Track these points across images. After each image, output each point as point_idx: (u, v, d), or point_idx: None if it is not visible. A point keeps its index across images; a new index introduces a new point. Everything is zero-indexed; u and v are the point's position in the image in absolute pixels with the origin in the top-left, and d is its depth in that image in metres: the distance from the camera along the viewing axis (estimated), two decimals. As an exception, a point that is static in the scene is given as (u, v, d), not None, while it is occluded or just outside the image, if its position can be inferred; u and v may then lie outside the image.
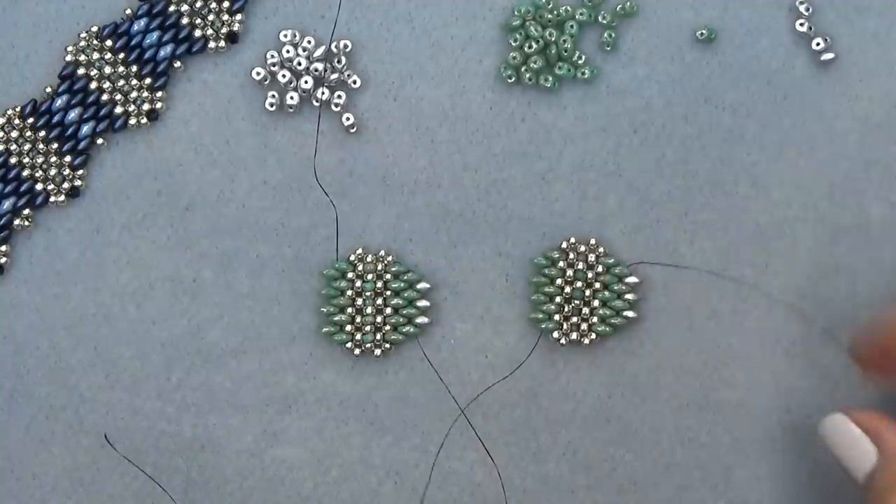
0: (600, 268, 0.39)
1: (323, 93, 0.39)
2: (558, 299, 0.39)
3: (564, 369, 0.40)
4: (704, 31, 0.40)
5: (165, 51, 0.39)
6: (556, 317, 0.39)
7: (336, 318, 0.39)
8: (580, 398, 0.40)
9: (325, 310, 0.39)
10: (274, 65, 0.39)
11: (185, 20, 0.39)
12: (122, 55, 0.39)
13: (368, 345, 0.39)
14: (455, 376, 0.40)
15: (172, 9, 0.39)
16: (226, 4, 0.39)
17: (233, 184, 0.39)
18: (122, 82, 0.39)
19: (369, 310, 0.39)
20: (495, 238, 0.40)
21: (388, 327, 0.39)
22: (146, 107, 0.39)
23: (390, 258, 0.39)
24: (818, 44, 0.40)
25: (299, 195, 0.39)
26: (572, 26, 0.39)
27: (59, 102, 0.39)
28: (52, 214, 0.39)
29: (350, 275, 0.39)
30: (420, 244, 0.40)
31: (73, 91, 0.39)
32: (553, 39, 0.39)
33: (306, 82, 0.39)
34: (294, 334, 0.40)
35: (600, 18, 0.39)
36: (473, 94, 0.40)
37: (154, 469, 0.40)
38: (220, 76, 0.40)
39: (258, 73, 0.39)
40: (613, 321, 0.39)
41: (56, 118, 0.39)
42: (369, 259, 0.39)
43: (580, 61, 0.39)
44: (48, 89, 0.39)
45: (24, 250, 0.40)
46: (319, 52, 0.39)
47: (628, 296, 0.39)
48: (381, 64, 0.40)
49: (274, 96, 0.39)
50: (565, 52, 0.39)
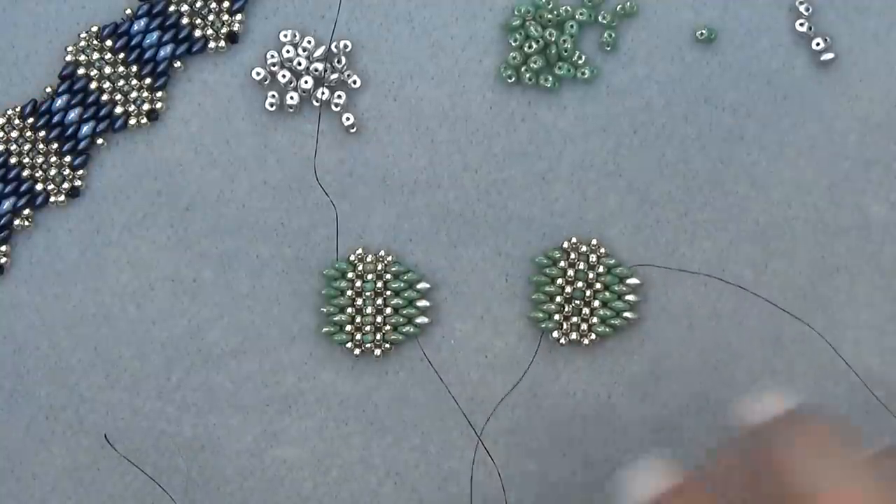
0: (601, 268, 0.39)
1: (323, 93, 0.39)
2: (559, 299, 0.39)
3: (564, 369, 0.40)
4: (704, 31, 0.40)
5: (165, 51, 0.39)
6: (556, 316, 0.39)
7: (336, 318, 0.39)
8: (580, 398, 0.40)
9: (325, 310, 0.39)
10: (274, 65, 0.39)
11: (185, 20, 0.39)
12: (122, 55, 0.39)
13: (368, 345, 0.39)
14: (455, 376, 0.40)
15: (172, 9, 0.39)
16: (226, 4, 0.39)
17: (233, 184, 0.39)
18: (122, 82, 0.39)
19: (369, 310, 0.39)
20: (495, 238, 0.40)
21: (388, 327, 0.39)
22: (146, 107, 0.39)
23: (390, 258, 0.39)
24: (818, 44, 0.40)
25: (299, 195, 0.39)
26: (572, 26, 0.39)
27: (59, 102, 0.39)
28: (52, 214, 0.39)
29: (350, 275, 0.39)
30: (420, 244, 0.40)
31: (73, 91, 0.39)
32: (553, 39, 0.39)
33: (306, 82, 0.39)
34: (294, 334, 0.40)
35: (600, 18, 0.39)
36: (473, 94, 0.40)
37: (154, 469, 0.40)
38: (220, 76, 0.40)
39: (258, 73, 0.39)
40: (613, 322, 0.39)
41: (56, 118, 0.39)
42: (369, 259, 0.39)
43: (580, 61, 0.39)
44: (48, 89, 0.39)
45: (24, 250, 0.40)
46: (319, 52, 0.39)
47: (629, 297, 0.39)
48: (381, 64, 0.40)
49: (274, 96, 0.39)
50: (565, 52, 0.39)
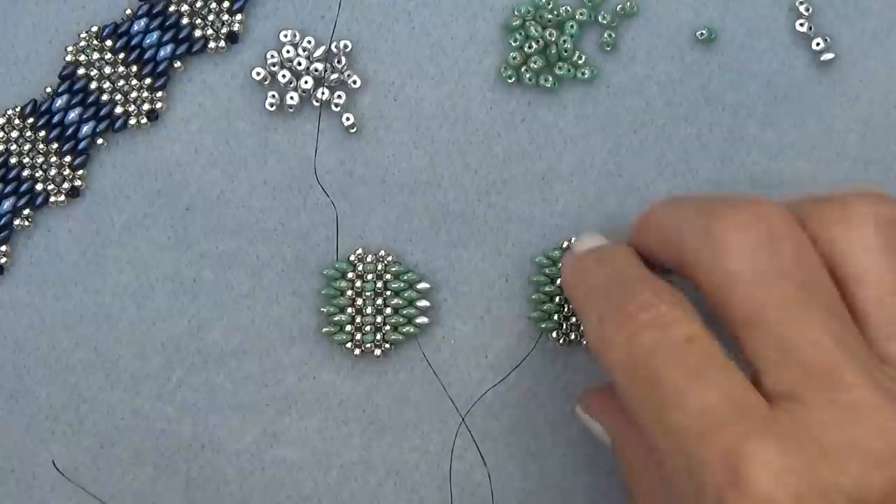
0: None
1: (323, 93, 0.39)
2: (558, 299, 0.39)
3: (564, 369, 0.40)
4: (704, 32, 0.40)
5: (165, 51, 0.39)
6: (556, 316, 0.39)
7: (336, 318, 0.39)
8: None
9: (325, 310, 0.39)
10: (274, 65, 0.39)
11: (185, 20, 0.39)
12: (122, 55, 0.39)
13: (368, 345, 0.39)
14: (455, 376, 0.40)
15: (172, 9, 0.39)
16: (226, 4, 0.39)
17: (233, 184, 0.39)
18: (122, 82, 0.39)
19: (369, 310, 0.39)
20: (495, 238, 0.40)
21: (388, 327, 0.39)
22: (146, 107, 0.39)
23: (390, 258, 0.39)
24: (818, 44, 0.40)
25: (299, 195, 0.39)
26: (572, 26, 0.39)
27: (59, 102, 0.39)
28: (52, 214, 0.39)
29: (350, 275, 0.39)
30: (420, 244, 0.40)
31: (73, 91, 0.39)
32: (553, 39, 0.39)
33: (306, 82, 0.39)
34: (294, 334, 0.40)
35: (600, 18, 0.39)
36: (473, 94, 0.40)
37: (154, 469, 0.40)
38: (220, 76, 0.40)
39: (258, 73, 0.39)
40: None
41: (56, 118, 0.39)
42: (369, 259, 0.39)
43: (580, 61, 0.39)
44: (48, 89, 0.39)
45: (24, 250, 0.40)
46: (319, 52, 0.39)
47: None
48: (381, 64, 0.40)
49: (274, 96, 0.39)
50: (565, 52, 0.39)
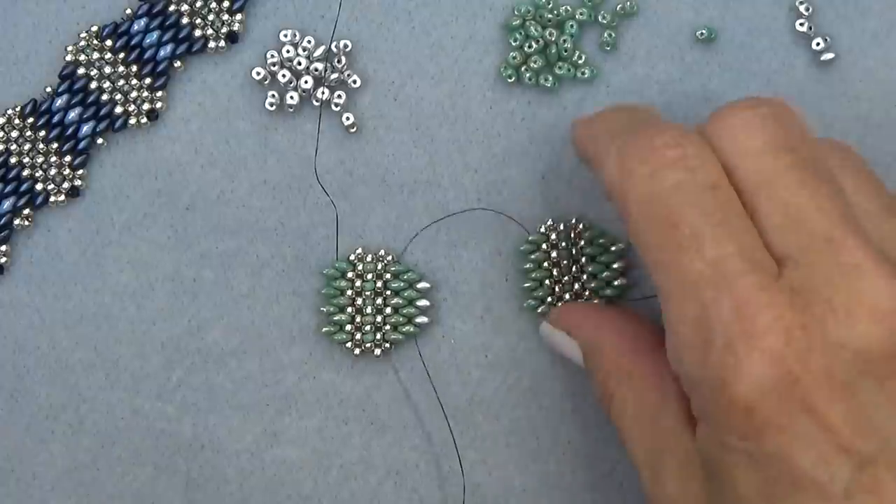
0: (583, 242, 0.39)
1: (323, 92, 0.39)
2: (548, 282, 0.39)
3: (564, 369, 0.40)
4: (704, 31, 0.40)
5: (165, 51, 0.39)
6: (549, 299, 0.39)
7: (336, 318, 0.39)
8: (580, 398, 0.40)
9: (324, 309, 0.39)
10: (274, 65, 0.39)
11: (185, 20, 0.39)
12: (122, 55, 0.39)
13: (368, 344, 0.39)
14: (455, 376, 0.40)
15: (172, 9, 0.39)
16: (226, 4, 0.39)
17: (233, 184, 0.39)
18: (122, 82, 0.39)
19: (369, 309, 0.39)
20: (495, 238, 0.40)
21: (388, 327, 0.39)
22: (146, 107, 0.39)
23: (390, 258, 0.39)
24: (818, 44, 0.40)
25: (299, 195, 0.39)
26: (572, 26, 0.39)
27: (59, 102, 0.39)
28: (52, 214, 0.39)
29: (350, 274, 0.39)
30: (420, 244, 0.40)
31: (73, 91, 0.39)
32: (553, 39, 0.39)
33: (306, 82, 0.39)
34: (294, 334, 0.40)
35: (600, 18, 0.39)
36: (473, 94, 0.40)
37: (154, 469, 0.40)
38: (220, 76, 0.40)
39: (258, 73, 0.39)
40: (606, 293, 0.39)
41: (56, 118, 0.39)
42: (369, 259, 0.39)
43: (580, 61, 0.39)
44: (48, 89, 0.39)
45: (24, 250, 0.40)
46: (319, 52, 0.39)
47: (616, 264, 0.39)
48: (381, 64, 0.40)
49: (274, 96, 0.39)
50: (565, 51, 0.39)
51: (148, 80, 0.39)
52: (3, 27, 0.39)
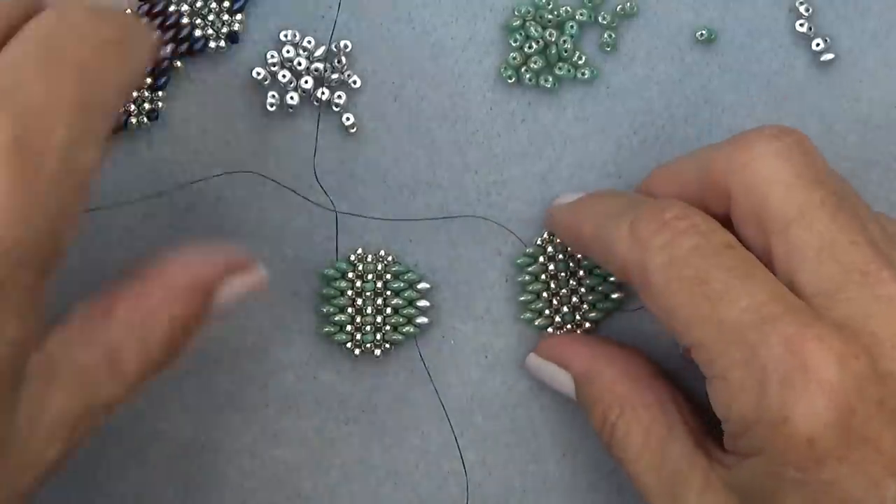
0: (579, 255, 0.39)
1: (323, 93, 0.39)
2: (545, 294, 0.39)
3: (564, 369, 0.40)
4: (704, 32, 0.40)
5: (165, 51, 0.39)
6: (547, 311, 0.39)
7: (336, 319, 0.39)
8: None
9: (325, 310, 0.39)
10: (274, 65, 0.39)
11: (185, 20, 0.39)
12: (122, 55, 0.39)
13: (368, 345, 0.39)
14: (455, 376, 0.40)
15: (172, 9, 0.39)
16: (226, 4, 0.39)
17: (233, 184, 0.39)
18: (122, 82, 0.39)
19: (369, 310, 0.39)
20: (495, 238, 0.40)
21: (388, 327, 0.39)
22: (146, 107, 0.39)
23: (390, 258, 0.39)
24: (818, 44, 0.40)
25: (299, 195, 0.39)
26: (572, 27, 0.39)
27: (59, 102, 0.39)
28: (52, 214, 0.39)
29: (350, 275, 0.39)
30: (420, 244, 0.40)
31: (73, 91, 0.39)
32: (553, 40, 0.39)
33: (306, 82, 0.39)
34: (294, 335, 0.40)
35: (600, 19, 0.39)
36: (473, 95, 0.40)
37: (154, 469, 0.40)
38: (220, 76, 0.40)
39: (258, 73, 0.39)
40: (604, 306, 0.39)
41: (56, 118, 0.39)
42: (369, 259, 0.39)
43: (580, 62, 0.39)
44: (48, 89, 0.39)
45: (24, 250, 0.40)
46: (319, 52, 0.39)
47: (613, 277, 0.39)
48: (381, 64, 0.40)
49: (274, 96, 0.39)
50: (565, 52, 0.39)
51: (148, 81, 0.39)
52: (3, 27, 0.39)
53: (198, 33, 0.39)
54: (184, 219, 0.39)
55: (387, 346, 0.39)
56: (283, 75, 0.39)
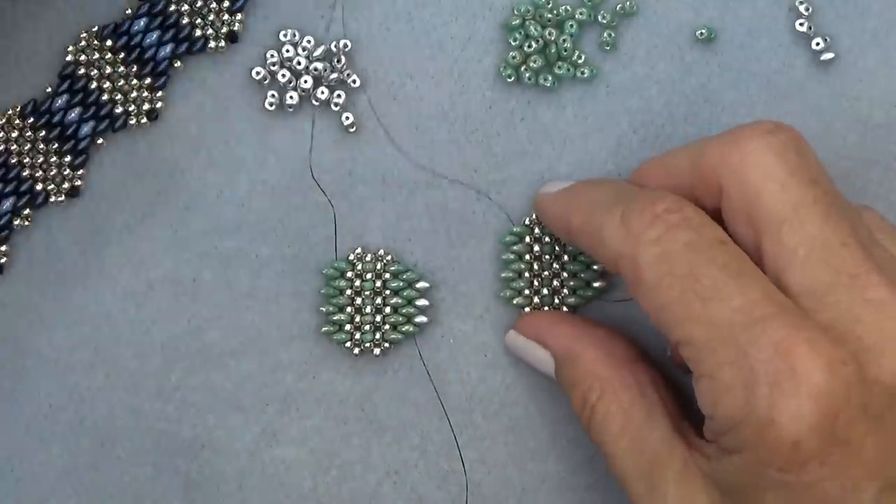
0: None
1: (322, 92, 0.39)
2: (527, 274, 0.39)
3: (564, 369, 0.40)
4: (704, 31, 0.40)
5: (165, 50, 0.39)
6: (527, 291, 0.39)
7: (335, 318, 0.39)
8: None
9: (324, 309, 0.39)
10: (274, 65, 0.39)
11: (185, 20, 0.39)
12: (122, 55, 0.39)
13: (368, 344, 0.39)
14: (455, 376, 0.40)
15: (172, 8, 0.39)
16: (226, 4, 0.39)
17: (232, 184, 0.40)
18: (122, 82, 0.39)
19: (368, 309, 0.39)
20: (495, 238, 0.40)
21: (387, 326, 0.39)
22: (146, 107, 0.39)
23: (389, 257, 0.39)
24: (818, 44, 0.40)
25: (299, 194, 0.40)
26: (572, 26, 0.39)
27: (59, 102, 0.39)
28: (52, 214, 0.40)
29: (349, 274, 0.39)
30: (420, 244, 0.40)
31: (73, 91, 0.39)
32: (552, 39, 0.39)
33: (306, 82, 0.39)
34: (294, 334, 0.40)
35: (600, 18, 0.39)
36: (473, 94, 0.40)
37: (154, 469, 0.40)
38: (220, 76, 0.40)
39: (258, 73, 0.39)
40: (585, 293, 0.39)
41: (56, 118, 0.39)
42: (368, 258, 0.39)
43: (580, 61, 0.39)
44: (48, 89, 0.39)
45: (24, 250, 0.40)
46: (319, 51, 0.39)
47: (597, 266, 0.39)
48: (381, 64, 0.40)
49: (273, 96, 0.39)
50: (565, 51, 0.39)
51: (148, 80, 0.39)
52: (3, 27, 0.39)
53: (198, 33, 0.39)
54: (184, 219, 0.40)
55: (386, 345, 0.39)
56: (283, 75, 0.39)
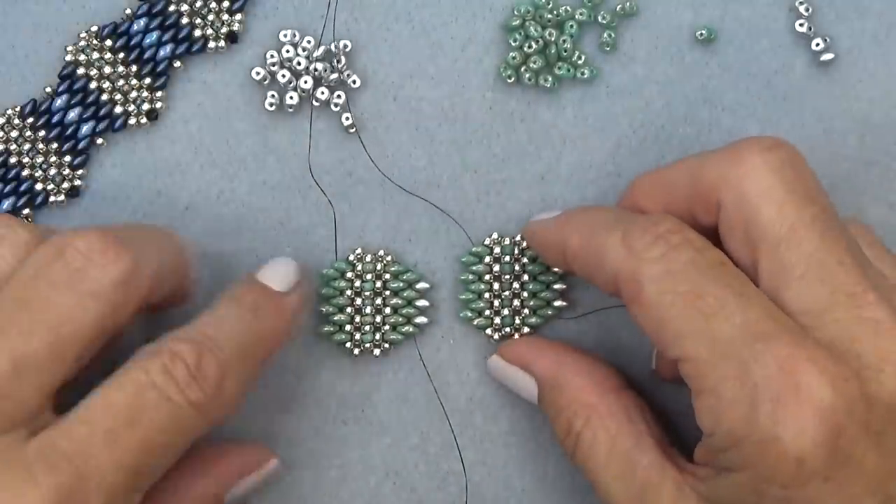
0: (526, 259, 0.39)
1: (322, 93, 0.39)
2: (487, 295, 0.39)
3: (564, 369, 0.40)
4: (704, 32, 0.40)
5: (165, 50, 0.39)
6: (487, 312, 0.39)
7: (335, 318, 0.39)
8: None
9: (324, 309, 0.39)
10: (274, 64, 0.39)
11: (184, 20, 0.39)
12: (121, 55, 0.39)
13: (368, 345, 0.39)
14: (455, 376, 0.40)
15: (172, 8, 0.39)
16: (225, 4, 0.39)
17: (232, 184, 0.39)
18: (121, 82, 0.39)
19: (368, 309, 0.39)
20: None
21: (387, 327, 0.39)
22: (146, 107, 0.39)
23: (389, 258, 0.39)
24: (818, 44, 0.40)
25: (298, 195, 0.39)
26: (572, 26, 0.39)
27: (58, 102, 0.39)
28: (52, 214, 0.39)
29: (349, 274, 0.39)
30: (419, 244, 0.40)
31: (72, 91, 0.39)
32: (553, 39, 0.39)
33: (306, 82, 0.39)
34: (293, 334, 0.40)
35: (600, 18, 0.39)
36: (473, 94, 0.40)
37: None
38: (220, 76, 0.40)
39: (258, 73, 0.39)
40: (545, 312, 0.39)
41: (56, 118, 0.39)
42: (368, 259, 0.39)
43: (580, 61, 0.39)
44: (48, 89, 0.39)
45: (24, 250, 0.40)
46: (319, 51, 0.39)
47: (556, 285, 0.39)
48: (380, 64, 0.40)
49: (273, 96, 0.39)
50: (565, 52, 0.39)
51: (148, 80, 0.39)
52: (3, 27, 0.39)
53: (197, 33, 0.39)
54: (184, 219, 0.39)
55: (386, 345, 0.39)
56: (283, 75, 0.39)
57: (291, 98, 0.39)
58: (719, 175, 0.33)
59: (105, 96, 0.39)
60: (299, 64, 0.39)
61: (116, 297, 0.32)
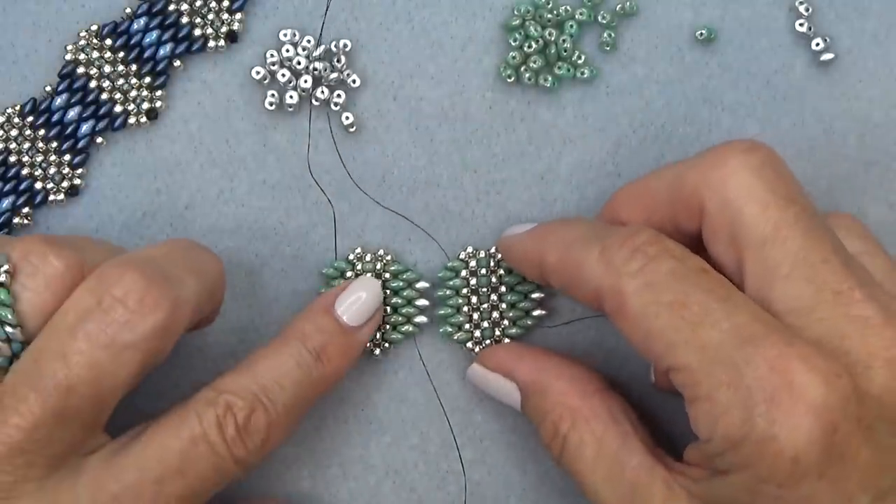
0: (502, 270, 0.39)
1: (322, 92, 0.39)
2: (466, 308, 0.39)
3: (563, 369, 0.40)
4: (704, 32, 0.40)
5: (165, 50, 0.39)
6: (467, 325, 0.39)
7: (335, 318, 0.39)
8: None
9: (324, 309, 0.39)
10: (273, 64, 0.39)
11: (184, 19, 0.39)
12: (121, 54, 0.39)
13: (368, 344, 0.39)
14: (455, 376, 0.40)
15: (172, 8, 0.39)
16: (225, 3, 0.39)
17: (232, 183, 0.39)
18: (121, 81, 0.39)
19: (368, 309, 0.39)
20: (495, 238, 0.40)
21: (387, 326, 0.39)
22: (146, 106, 0.39)
23: (389, 257, 0.39)
24: (818, 44, 0.40)
25: (298, 194, 0.39)
26: (572, 26, 0.39)
27: (58, 101, 0.39)
28: (52, 213, 0.39)
29: (349, 274, 0.39)
30: (419, 244, 0.40)
31: (72, 90, 0.39)
32: (552, 39, 0.39)
33: (306, 81, 0.39)
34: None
35: (600, 18, 0.39)
36: (473, 94, 0.40)
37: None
38: (219, 75, 0.40)
39: (258, 73, 0.39)
40: (525, 322, 0.39)
41: (56, 117, 0.39)
42: (368, 258, 0.39)
43: (580, 61, 0.39)
44: (48, 88, 0.39)
45: (24, 249, 0.40)
46: (319, 51, 0.39)
47: (535, 294, 0.39)
48: (380, 64, 0.40)
49: (273, 95, 0.39)
50: (565, 51, 0.39)
51: (148, 80, 0.39)
52: (3, 26, 0.39)
53: (197, 32, 0.39)
54: (184, 218, 0.39)
55: (386, 345, 0.39)
56: (283, 74, 0.39)
57: (291, 97, 0.39)
58: (701, 179, 0.33)
59: (105, 95, 0.39)
60: (299, 63, 0.39)
61: (155, 344, 0.32)
